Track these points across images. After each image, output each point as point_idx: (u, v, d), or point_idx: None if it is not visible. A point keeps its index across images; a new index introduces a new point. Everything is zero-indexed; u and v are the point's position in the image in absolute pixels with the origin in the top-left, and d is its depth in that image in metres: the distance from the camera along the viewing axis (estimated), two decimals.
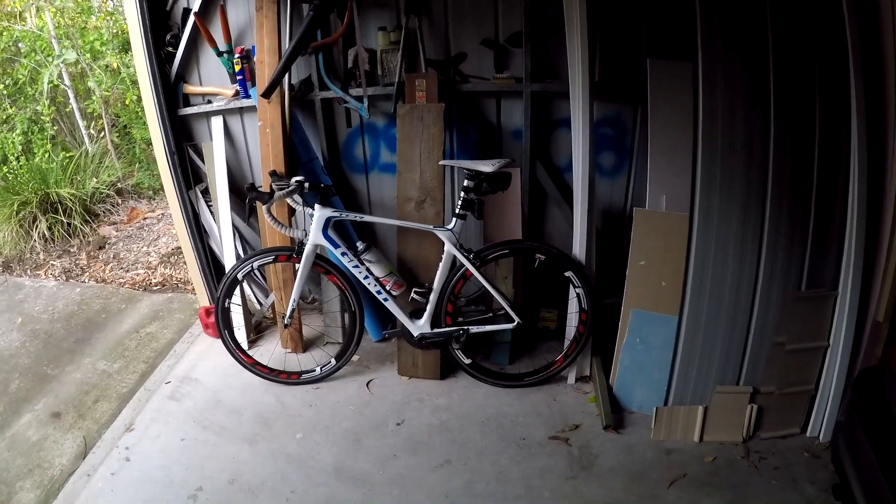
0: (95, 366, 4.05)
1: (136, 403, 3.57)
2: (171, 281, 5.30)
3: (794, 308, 2.84)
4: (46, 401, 3.72)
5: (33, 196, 5.93)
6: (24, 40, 6.93)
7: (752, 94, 2.74)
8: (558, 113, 3.51)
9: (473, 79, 3.52)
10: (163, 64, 3.77)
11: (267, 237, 3.71)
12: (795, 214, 2.79)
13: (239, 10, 3.66)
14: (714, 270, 2.85)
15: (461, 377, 3.58)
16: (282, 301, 3.78)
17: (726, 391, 2.95)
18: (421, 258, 3.46)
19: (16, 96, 7.02)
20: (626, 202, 3.67)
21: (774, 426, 2.99)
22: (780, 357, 2.88)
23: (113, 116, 7.43)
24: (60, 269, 5.59)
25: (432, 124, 3.34)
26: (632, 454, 2.98)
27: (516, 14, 3.33)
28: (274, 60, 3.45)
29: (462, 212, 3.15)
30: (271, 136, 3.51)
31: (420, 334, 3.40)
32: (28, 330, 4.56)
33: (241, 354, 3.62)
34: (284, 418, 3.37)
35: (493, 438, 3.14)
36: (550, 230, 3.84)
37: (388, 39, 3.48)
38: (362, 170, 3.94)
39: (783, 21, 2.68)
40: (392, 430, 3.24)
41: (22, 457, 3.26)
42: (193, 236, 4.04)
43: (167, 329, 4.46)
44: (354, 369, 3.71)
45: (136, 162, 7.29)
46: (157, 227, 6.29)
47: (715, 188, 2.78)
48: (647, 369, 3.17)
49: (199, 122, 4.01)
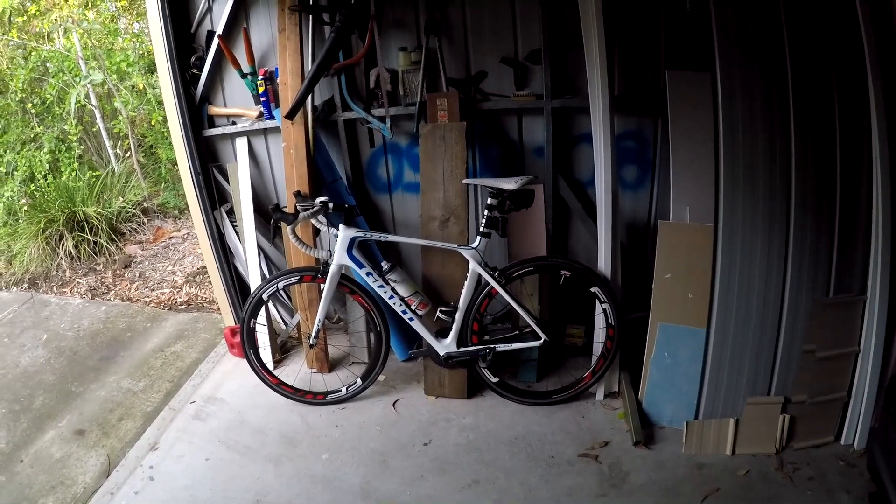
0: (120, 384, 4.13)
1: (160, 422, 3.64)
2: (197, 300, 5.40)
3: (823, 314, 2.87)
4: (70, 418, 3.79)
5: (60, 214, 6.10)
6: (52, 61, 7.14)
7: (771, 102, 2.79)
8: (579, 128, 3.58)
9: (494, 97, 3.60)
10: (188, 85, 3.90)
11: (292, 257, 3.79)
12: (820, 221, 2.82)
13: (262, 33, 3.78)
14: (741, 280, 2.89)
15: (488, 396, 3.61)
16: (307, 321, 3.83)
17: (757, 402, 2.97)
18: (446, 277, 3.52)
19: (43, 115, 7.20)
20: (650, 215, 3.71)
21: (807, 435, 3.00)
22: (810, 365, 2.91)
23: (139, 136, 7.63)
24: (86, 287, 5.72)
25: (454, 143, 3.43)
26: (663, 470, 3.00)
27: (535, 31, 3.41)
28: (297, 82, 3.55)
29: (486, 230, 3.22)
30: (295, 157, 3.61)
31: (446, 353, 3.45)
32: (53, 347, 4.66)
33: (267, 374, 3.68)
34: (310, 438, 3.41)
35: (522, 457, 3.16)
36: (574, 246, 3.88)
37: (409, 59, 3.58)
38: (386, 189, 4.02)
39: (799, 28, 2.74)
40: (419, 450, 3.27)
41: (45, 473, 3.33)
42: (219, 256, 4.14)
43: (192, 348, 4.53)
44: (380, 389, 3.76)
45: (162, 181, 7.45)
46: (183, 247, 6.41)
47: (738, 198, 2.83)
48: (676, 383, 3.19)
49: (223, 143, 4.13)
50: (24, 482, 3.29)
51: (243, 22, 3.76)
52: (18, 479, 3.31)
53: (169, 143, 6.70)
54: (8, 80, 7.08)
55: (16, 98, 6.94)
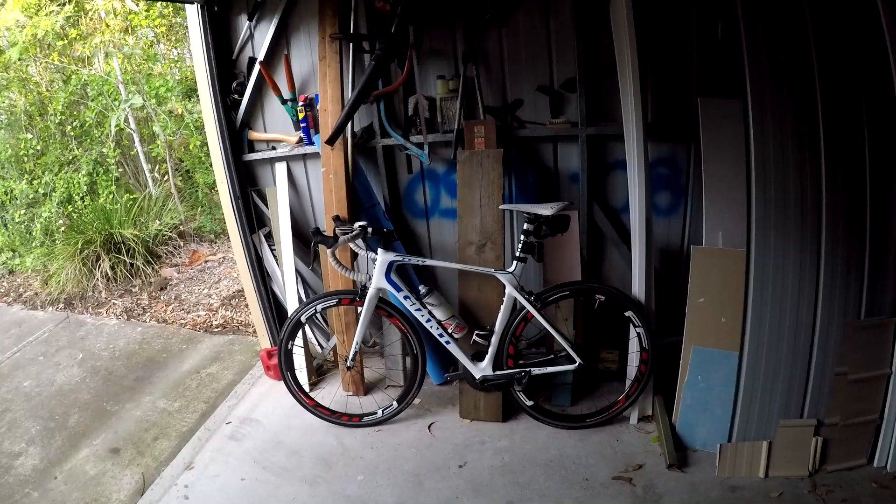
0: (155, 404, 4.29)
1: (195, 442, 3.78)
2: (232, 323, 5.56)
3: (855, 337, 2.95)
4: (105, 436, 3.94)
5: (97, 235, 6.34)
6: (91, 84, 7.42)
7: (802, 128, 2.87)
8: (613, 155, 3.72)
9: (530, 124, 3.77)
10: (229, 111, 4.13)
11: (329, 281, 3.97)
12: (851, 245, 2.91)
13: (303, 60, 4.00)
14: (773, 304, 2.99)
15: (523, 419, 3.72)
16: (344, 344, 3.98)
17: (790, 425, 3.06)
18: (482, 301, 3.66)
19: (82, 138, 7.50)
20: (683, 240, 3.82)
21: (840, 458, 3.08)
22: (843, 387, 2.99)
23: (176, 161, 7.89)
24: (122, 308, 5.91)
25: (491, 169, 3.59)
26: (697, 492, 3.08)
27: (570, 60, 3.59)
28: (337, 108, 3.76)
29: (522, 255, 3.37)
30: (334, 182, 3.80)
31: (482, 377, 3.57)
32: (89, 366, 4.85)
33: (303, 396, 3.82)
34: (345, 460, 3.53)
35: (556, 480, 3.26)
36: (608, 271, 4.00)
37: (447, 87, 3.76)
38: (423, 215, 4.18)
39: (829, 57, 2.83)
40: (454, 473, 3.38)
41: (78, 490, 3.48)
42: (256, 279, 4.31)
43: (228, 370, 4.69)
44: (416, 412, 3.88)
45: (199, 206, 7.69)
46: (219, 270, 6.59)
47: (770, 223, 2.93)
48: (709, 406, 3.29)
49: (263, 168, 4.33)
50: (57, 499, 3.44)
51: (284, 49, 3.98)
52: (52, 496, 3.46)
53: (206, 168, 7.02)
54: (48, 103, 7.37)
55: (55, 120, 7.25)
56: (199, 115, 4.17)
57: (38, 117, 7.46)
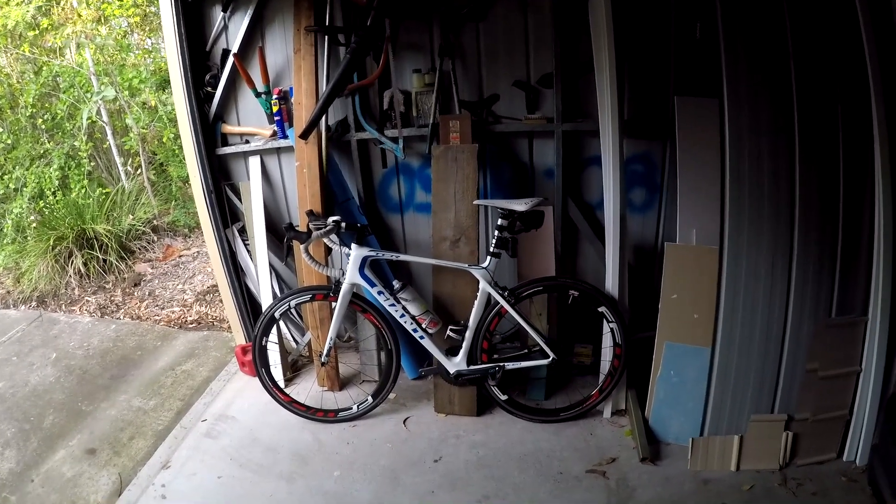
0: (131, 403, 4.23)
1: (172, 441, 3.73)
2: (207, 319, 5.51)
3: (826, 335, 2.99)
4: (81, 437, 3.88)
5: (69, 231, 6.20)
6: (63, 76, 7.26)
7: (777, 128, 2.91)
8: (589, 151, 3.74)
9: (506, 119, 3.77)
10: (202, 104, 4.05)
11: (304, 276, 3.92)
12: (823, 244, 2.94)
13: (277, 53, 3.95)
14: (745, 301, 3.01)
15: (497, 413, 3.73)
16: (319, 339, 3.95)
17: (761, 419, 3.10)
18: (456, 296, 3.66)
19: (54, 131, 7.32)
20: (658, 237, 3.86)
21: (811, 452, 3.11)
22: (813, 383, 3.03)
23: (150, 154, 7.74)
24: (95, 306, 5.82)
25: (466, 164, 3.57)
26: (669, 485, 3.11)
27: (547, 56, 3.58)
28: (311, 102, 3.70)
29: (496, 250, 3.35)
30: (308, 177, 3.76)
31: (456, 371, 3.57)
32: (63, 365, 4.76)
33: (278, 392, 3.80)
34: (322, 456, 3.51)
35: (531, 473, 3.27)
36: (583, 266, 4.02)
37: (423, 81, 3.75)
38: (398, 209, 4.17)
39: (806, 58, 2.86)
40: (430, 467, 3.38)
41: (56, 493, 3.42)
42: (230, 274, 4.25)
43: (203, 367, 4.64)
44: (391, 407, 3.87)
45: (172, 199, 7.56)
46: (193, 265, 6.52)
47: (743, 221, 2.95)
48: (682, 401, 3.31)
49: (236, 162, 4.27)
50: (35, 502, 3.38)
51: (259, 41, 3.93)
52: (30, 499, 3.40)
53: (180, 161, 6.89)
54: (18, 96, 7.19)
55: (26, 113, 7.05)
56: (174, 108, 4.09)
57: (9, 110, 7.27)
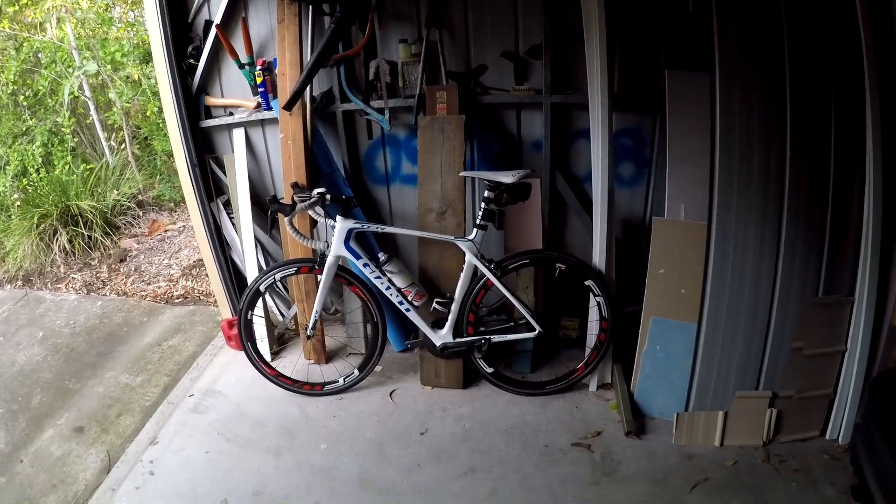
0: (118, 379, 4.20)
1: (159, 417, 3.72)
2: (193, 293, 5.47)
3: (812, 314, 3.00)
4: (69, 415, 3.86)
5: (53, 209, 6.12)
6: (44, 51, 7.13)
7: (769, 104, 2.89)
8: (578, 124, 3.70)
9: (494, 91, 3.71)
10: (184, 76, 3.97)
11: (289, 249, 3.89)
12: (812, 222, 2.95)
13: (261, 23, 3.87)
14: (732, 278, 3.02)
15: (483, 386, 3.74)
16: (304, 312, 3.94)
17: (746, 396, 3.11)
18: (442, 269, 3.64)
19: (36, 108, 7.21)
20: (646, 211, 3.84)
21: (794, 429, 3.14)
22: (798, 362, 3.04)
23: (133, 128, 7.63)
24: (81, 283, 5.77)
25: (453, 136, 3.53)
26: (654, 460, 3.14)
27: (536, 27, 3.52)
28: (296, 73, 3.64)
29: (483, 222, 3.33)
30: (293, 148, 3.70)
31: (442, 344, 3.57)
32: (49, 344, 4.72)
33: (265, 366, 3.78)
34: (308, 429, 3.53)
35: (517, 446, 3.30)
36: (570, 240, 4.00)
37: (410, 52, 3.68)
38: (383, 181, 4.13)
39: (800, 34, 2.84)
40: (416, 440, 3.40)
41: (45, 472, 3.40)
42: (215, 248, 4.23)
43: (190, 342, 4.62)
44: (377, 380, 3.88)
45: (157, 174, 7.48)
46: (179, 240, 6.46)
47: (732, 197, 2.95)
48: (667, 376, 3.32)
49: (220, 134, 4.20)
50: (24, 482, 3.36)
51: (242, 12, 3.84)
52: (19, 480, 3.39)
53: (164, 135, 6.73)
54: None
55: (7, 90, 6.96)
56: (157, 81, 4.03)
57: None
